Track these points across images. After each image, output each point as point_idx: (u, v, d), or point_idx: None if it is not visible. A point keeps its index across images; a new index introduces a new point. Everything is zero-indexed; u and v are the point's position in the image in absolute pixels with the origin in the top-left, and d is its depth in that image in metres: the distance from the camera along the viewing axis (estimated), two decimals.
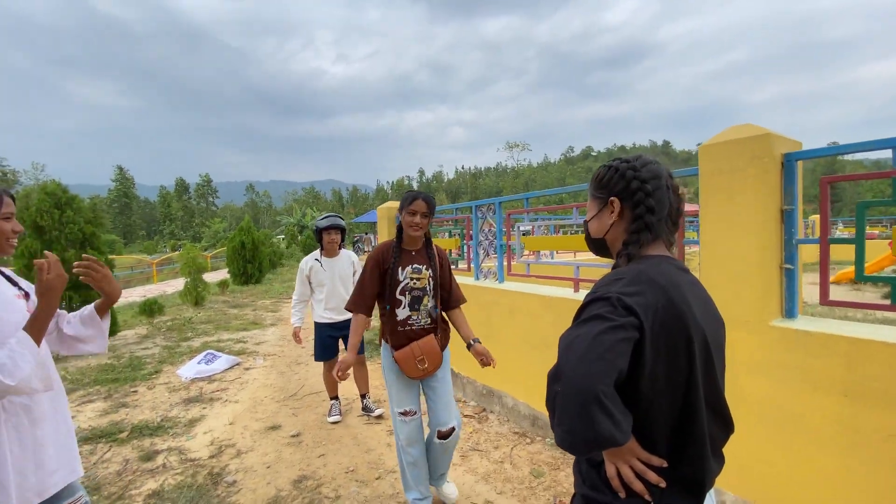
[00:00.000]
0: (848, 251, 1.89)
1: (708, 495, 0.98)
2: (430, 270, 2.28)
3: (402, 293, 2.25)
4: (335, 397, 3.77)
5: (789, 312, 1.97)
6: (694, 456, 0.90)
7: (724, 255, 2.06)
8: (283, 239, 33.07)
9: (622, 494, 0.91)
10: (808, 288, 2.88)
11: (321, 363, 3.78)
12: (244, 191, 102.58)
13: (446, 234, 4.67)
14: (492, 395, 3.69)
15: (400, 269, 2.24)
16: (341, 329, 3.65)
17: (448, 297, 2.39)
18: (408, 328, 2.27)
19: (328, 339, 3.64)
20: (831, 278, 9.32)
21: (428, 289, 2.28)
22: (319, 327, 3.64)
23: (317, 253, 3.67)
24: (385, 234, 5.41)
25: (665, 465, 0.89)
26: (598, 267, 2.95)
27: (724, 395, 0.98)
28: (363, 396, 3.81)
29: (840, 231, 14.90)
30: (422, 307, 2.27)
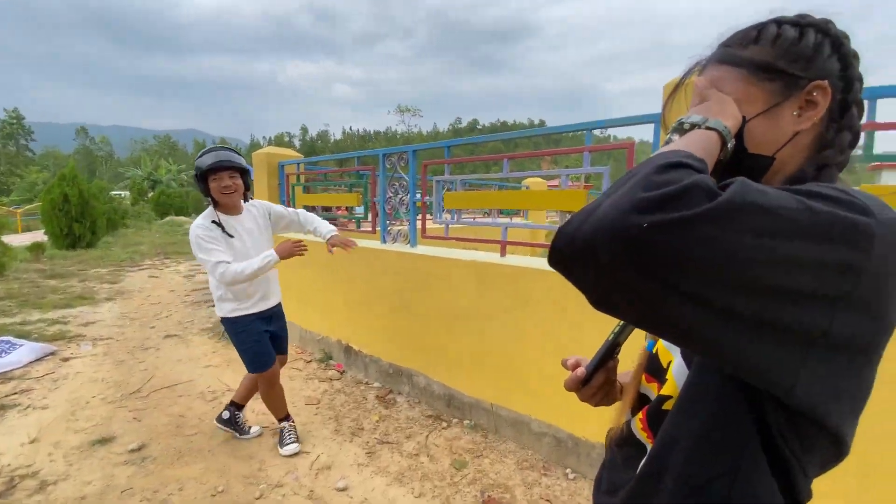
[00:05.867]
0: None
1: None
2: None
3: None
4: (286, 417, 2.60)
5: None
6: None
7: None
8: (128, 196, 28.87)
9: None
10: None
11: (255, 375, 2.48)
12: (74, 135, 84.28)
13: (344, 187, 3.93)
14: (400, 374, 3.20)
15: None
16: (270, 320, 2.53)
17: None
18: None
19: (265, 335, 2.47)
20: None
21: None
22: (245, 321, 2.39)
23: (211, 213, 2.32)
24: (264, 186, 4.43)
25: None
26: (527, 227, 2.59)
27: None
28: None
29: None
30: None
